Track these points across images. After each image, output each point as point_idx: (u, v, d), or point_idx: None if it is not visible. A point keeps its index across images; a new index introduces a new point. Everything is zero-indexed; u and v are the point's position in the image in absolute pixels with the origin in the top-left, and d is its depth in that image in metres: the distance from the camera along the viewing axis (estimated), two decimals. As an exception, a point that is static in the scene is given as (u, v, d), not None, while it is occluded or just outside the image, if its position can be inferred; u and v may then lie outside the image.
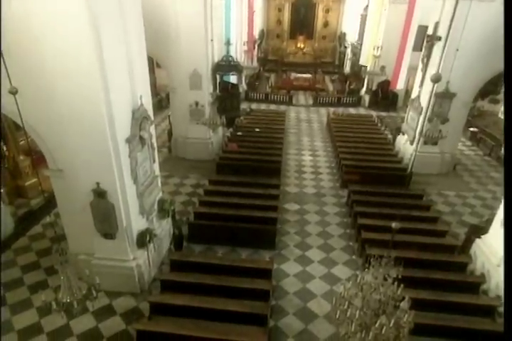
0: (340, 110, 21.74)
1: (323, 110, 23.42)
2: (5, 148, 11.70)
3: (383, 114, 22.21)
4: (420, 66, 14.21)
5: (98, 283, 5.43)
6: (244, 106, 21.34)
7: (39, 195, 11.87)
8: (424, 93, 13.74)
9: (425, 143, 13.55)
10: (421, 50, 14.19)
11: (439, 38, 12.66)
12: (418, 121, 14.00)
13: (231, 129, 17.22)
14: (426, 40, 13.53)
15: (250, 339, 6.82)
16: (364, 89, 24.57)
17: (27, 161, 11.93)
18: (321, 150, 17.20)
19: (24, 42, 6.06)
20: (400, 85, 18.97)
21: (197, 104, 14.24)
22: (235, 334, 6.88)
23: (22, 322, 7.78)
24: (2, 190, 10.82)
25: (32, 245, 10.14)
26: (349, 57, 29.80)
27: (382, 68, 21.60)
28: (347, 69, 30.17)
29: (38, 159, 10.73)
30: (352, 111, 23.19)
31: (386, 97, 22.80)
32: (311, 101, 25.09)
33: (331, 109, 22.12)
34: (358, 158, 14.45)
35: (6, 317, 7.89)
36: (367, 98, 23.82)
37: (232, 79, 15.78)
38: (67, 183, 7.59)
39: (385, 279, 4.76)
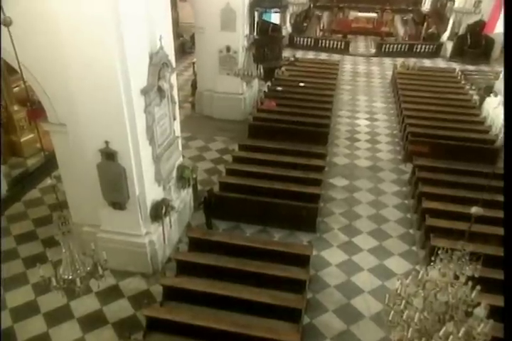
0: (412, 62, 21.02)
1: (388, 61, 22.76)
2: (-5, 96, 12.06)
3: (470, 67, 21.32)
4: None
5: (105, 259, 5.73)
6: (287, 53, 20.97)
7: (37, 154, 12.41)
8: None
9: (527, 107, 12.94)
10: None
11: None
12: (520, 77, 13.34)
13: (269, 83, 17.08)
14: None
15: (279, 336, 7.08)
16: (447, 33, 23.42)
17: (22, 113, 12.35)
18: (381, 113, 16.90)
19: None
20: (499, 28, 17.83)
21: (228, 49, 14.15)
22: (262, 329, 7.16)
23: (15, 300, 8.36)
24: (-6, 146, 11.34)
25: (28, 212, 10.75)
26: (431, -12, 28.30)
27: (477, 4, 20.30)
28: (426, 6, 28.74)
29: (35, 110, 11.10)
30: (427, 63, 22.39)
31: (477, 45, 21.65)
32: (373, 50, 24.38)
33: (399, 60, 21.43)
34: (430, 124, 14.10)
35: (-4, 293, 8.52)
36: (449, 46, 22.79)
37: (274, 18, 15.50)
38: (71, 141, 7.88)
39: (456, 278, 4.74)
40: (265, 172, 11.15)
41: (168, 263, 9.14)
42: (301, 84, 17.10)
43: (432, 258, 5.04)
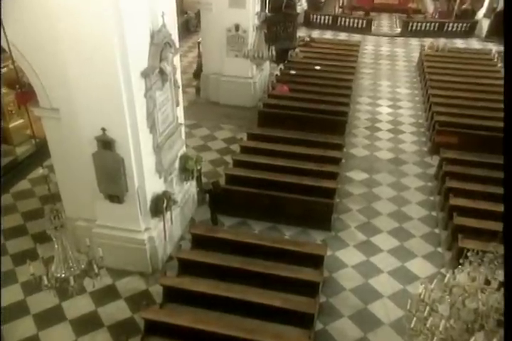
0: (442, 42, 20.88)
1: (414, 42, 22.62)
2: (-19, 77, 12.12)
3: (509, 48, 21.12)
4: None
5: (101, 256, 5.81)
6: (302, 33, 20.94)
7: (27, 141, 12.54)
8: None
9: None
10: None
11: None
12: None
13: (282, 66, 17.06)
14: None
15: (289, 343, 7.20)
16: (483, 9, 23.06)
17: (11, 96, 12.42)
18: (405, 100, 16.84)
19: None
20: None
21: (237, 28, 14.15)
22: (269, 335, 7.23)
23: (3, 300, 8.40)
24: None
25: (17, 205, 10.89)
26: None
27: (521, -27, 20.08)
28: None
29: (25, 93, 11.16)
30: (459, 43, 22.21)
31: (519, 22, 21.49)
32: (398, 29, 24.23)
33: (427, 41, 21.29)
34: (460, 112, 14.02)
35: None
36: (486, 24, 22.47)
37: (288, -7, 15.41)
38: (64, 127, 7.94)
39: (488, 283, 4.73)
40: (276, 164, 11.18)
41: (169, 262, 9.25)
42: (317, 68, 17.05)
43: (460, 261, 5.05)
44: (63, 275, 5.43)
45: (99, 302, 8.48)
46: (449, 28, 23.14)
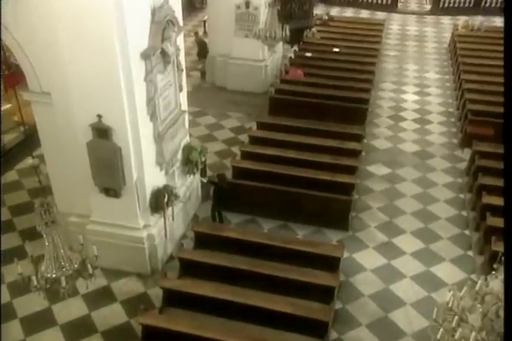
0: (478, 21, 20.67)
1: (446, 21, 22.47)
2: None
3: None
4: None
5: (96, 255, 5.87)
6: (319, 11, 20.86)
7: (15, 128, 12.55)
8: None
9: None
10: None
11: None
12: None
13: (296, 47, 17.02)
14: None
15: (300, 353, 7.26)
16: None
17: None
18: (434, 87, 16.77)
19: None
20: None
21: (248, 4, 14.13)
22: (279, 344, 7.33)
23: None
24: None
25: (4, 198, 10.96)
26: None
27: None
28: None
29: (13, 76, 11.23)
30: (498, 22, 21.91)
31: None
32: (428, 6, 24.04)
33: (461, 19, 21.13)
34: (496, 100, 13.82)
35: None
36: (529, -2, 22.26)
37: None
38: (56, 113, 7.99)
39: None
40: (288, 156, 11.22)
41: (169, 263, 9.33)
42: (336, 50, 17.00)
43: (494, 266, 5.04)
44: (54, 276, 5.50)
45: (92, 305, 8.56)
46: (487, 4, 22.80)
